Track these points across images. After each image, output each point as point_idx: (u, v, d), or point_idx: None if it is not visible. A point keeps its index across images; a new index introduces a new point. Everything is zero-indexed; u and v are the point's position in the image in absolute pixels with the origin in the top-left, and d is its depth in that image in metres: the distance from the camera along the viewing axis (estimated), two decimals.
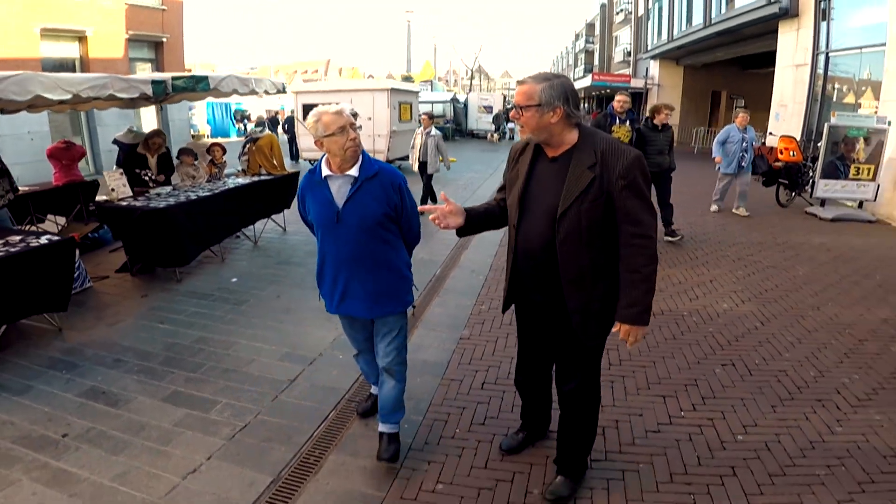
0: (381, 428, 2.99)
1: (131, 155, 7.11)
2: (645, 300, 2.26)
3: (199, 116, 27.72)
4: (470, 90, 27.90)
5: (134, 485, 2.79)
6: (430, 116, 10.07)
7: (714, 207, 9.57)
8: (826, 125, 9.11)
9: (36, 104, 5.40)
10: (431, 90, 32.92)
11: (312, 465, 2.96)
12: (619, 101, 6.98)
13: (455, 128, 29.06)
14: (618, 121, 6.98)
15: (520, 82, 2.28)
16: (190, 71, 17.49)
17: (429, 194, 9.82)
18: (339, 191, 2.70)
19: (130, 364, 4.05)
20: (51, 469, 2.90)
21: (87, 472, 2.87)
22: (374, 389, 3.35)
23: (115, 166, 7.61)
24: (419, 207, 2.72)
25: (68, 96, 4.55)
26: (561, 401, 2.65)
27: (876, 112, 9.82)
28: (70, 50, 14.08)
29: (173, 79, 5.63)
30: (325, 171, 2.72)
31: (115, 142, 7.82)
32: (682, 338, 4.54)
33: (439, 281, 5.85)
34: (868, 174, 8.93)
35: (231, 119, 29.42)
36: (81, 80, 4.76)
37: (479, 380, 3.85)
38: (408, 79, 32.36)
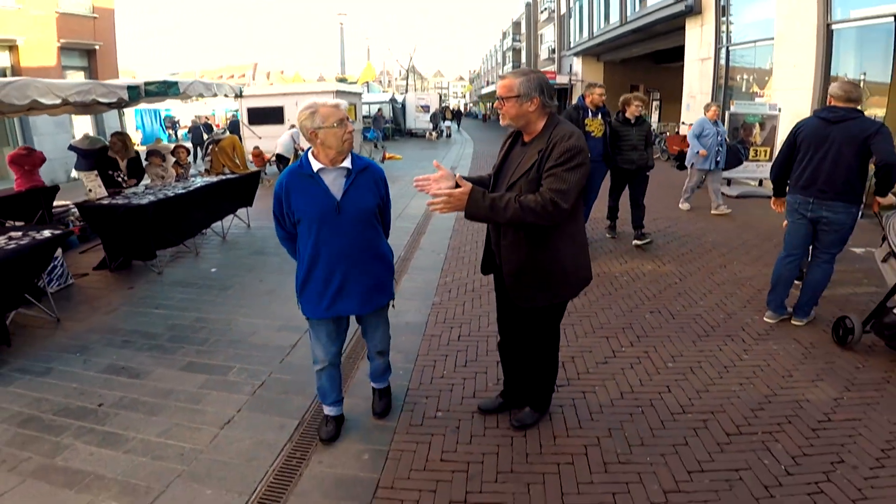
0: (374, 384, 3.35)
1: (102, 159, 7.23)
2: (490, 210, 2.40)
3: (128, 123, 26.70)
4: (406, 90, 28.22)
5: (179, 438, 3.12)
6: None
7: (685, 206, 8.92)
8: (727, 113, 10.11)
9: (35, 107, 5.48)
10: (367, 91, 33.05)
11: None
12: (598, 93, 6.35)
13: (394, 127, 29.49)
14: (590, 114, 6.39)
15: (501, 77, 2.64)
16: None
17: None
18: (335, 183, 2.69)
19: (139, 344, 4.33)
20: (98, 433, 3.18)
21: (132, 433, 3.18)
22: (328, 410, 3.14)
23: (73, 170, 7.69)
24: (415, 179, 2.58)
25: (59, 101, 4.73)
26: (525, 353, 3.01)
27: (766, 100, 10.88)
28: (1, 59, 13.55)
29: (146, 84, 5.84)
30: (315, 165, 2.68)
31: (72, 148, 7.88)
32: (617, 293, 5.27)
33: (405, 262, 6.34)
34: (765, 156, 9.92)
35: (161, 125, 28.51)
36: (70, 85, 4.94)
37: (454, 334, 4.41)
38: (343, 80, 32.36)
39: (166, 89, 6.14)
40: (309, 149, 2.74)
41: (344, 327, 3.01)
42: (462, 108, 51.16)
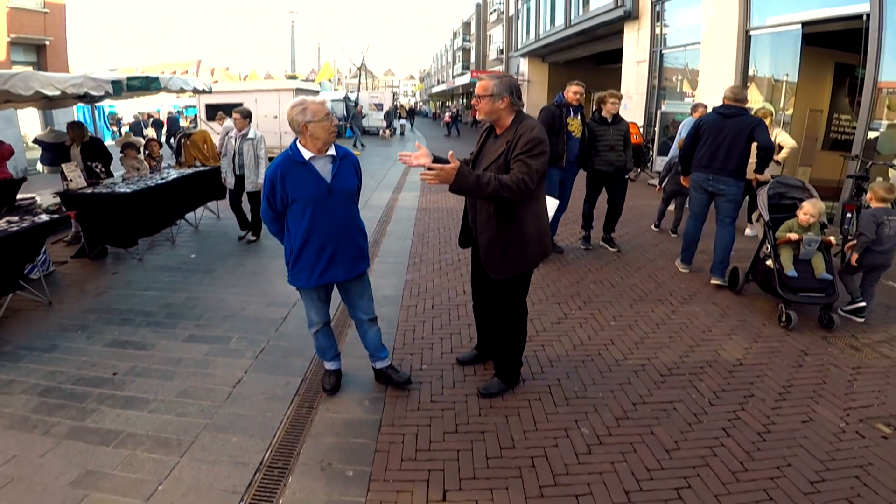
0: (380, 365, 3.51)
1: (60, 150, 7.21)
2: (474, 185, 2.78)
3: (62, 120, 25.29)
4: (358, 89, 28.02)
5: (197, 397, 3.42)
6: (246, 115, 6.63)
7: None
8: (658, 112, 10.90)
9: (34, 99, 5.48)
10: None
11: None
12: (575, 93, 5.81)
13: (349, 125, 29.34)
14: (572, 112, 5.86)
15: (479, 79, 3.06)
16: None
17: (257, 227, 7.09)
18: (324, 169, 3.01)
19: (138, 321, 4.54)
20: (119, 398, 3.41)
21: (152, 395, 3.44)
22: (328, 365, 3.51)
23: (39, 164, 7.64)
24: (400, 154, 3.00)
25: (58, 93, 4.83)
26: (495, 323, 3.36)
27: (694, 99, 11.62)
28: None
29: (129, 79, 5.95)
30: (306, 154, 2.98)
31: (37, 141, 7.80)
32: (565, 268, 5.88)
33: (374, 246, 6.70)
34: None
35: (105, 122, 27.32)
36: (65, 78, 5.04)
37: (429, 304, 4.88)
38: (293, 78, 31.89)
39: (149, 84, 6.25)
40: (295, 139, 3.04)
41: (330, 293, 3.34)
42: (413, 107, 50.94)
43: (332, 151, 3.05)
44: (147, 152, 7.77)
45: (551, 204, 4.12)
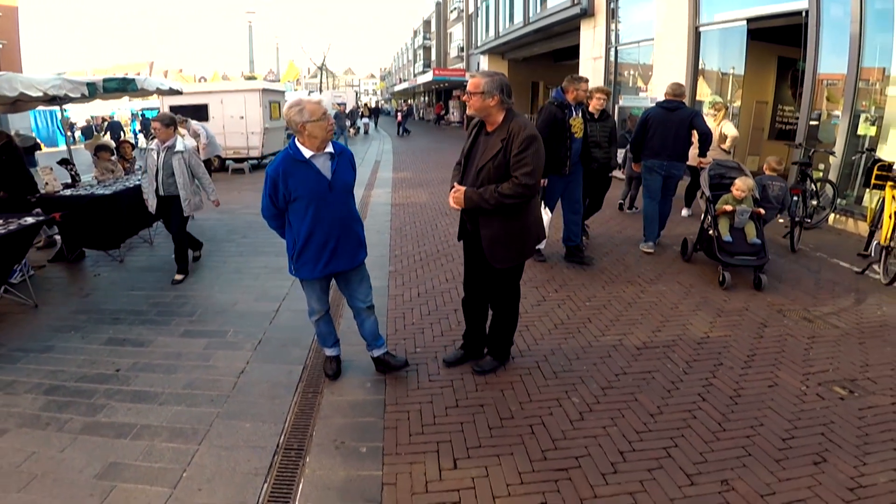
0: (378, 353, 3.60)
1: (28, 154, 7.06)
2: (480, 202, 3.02)
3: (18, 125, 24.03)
4: (320, 89, 27.65)
5: (204, 388, 3.51)
6: (169, 123, 5.36)
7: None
8: (616, 106, 11.20)
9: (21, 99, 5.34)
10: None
11: None
12: (584, 89, 5.40)
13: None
14: (573, 111, 5.39)
15: (471, 76, 3.15)
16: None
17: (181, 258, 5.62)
18: (324, 166, 3.10)
19: (130, 319, 4.55)
20: (127, 392, 3.47)
21: (159, 388, 3.50)
22: (329, 351, 3.65)
23: None
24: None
25: (40, 94, 4.76)
26: (492, 306, 3.52)
27: (648, 94, 11.95)
28: None
29: (105, 80, 5.87)
30: (306, 153, 3.05)
31: None
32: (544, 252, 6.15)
33: None
34: None
35: (58, 127, 26.17)
36: (45, 80, 4.96)
37: (414, 293, 5.06)
38: (251, 79, 31.30)
39: (126, 85, 6.18)
40: (293, 138, 3.13)
41: (330, 282, 3.47)
42: (377, 106, 50.45)
43: (330, 149, 3.14)
44: (120, 154, 7.64)
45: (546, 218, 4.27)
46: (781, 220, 7.08)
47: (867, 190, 6.41)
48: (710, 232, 5.33)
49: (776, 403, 3.25)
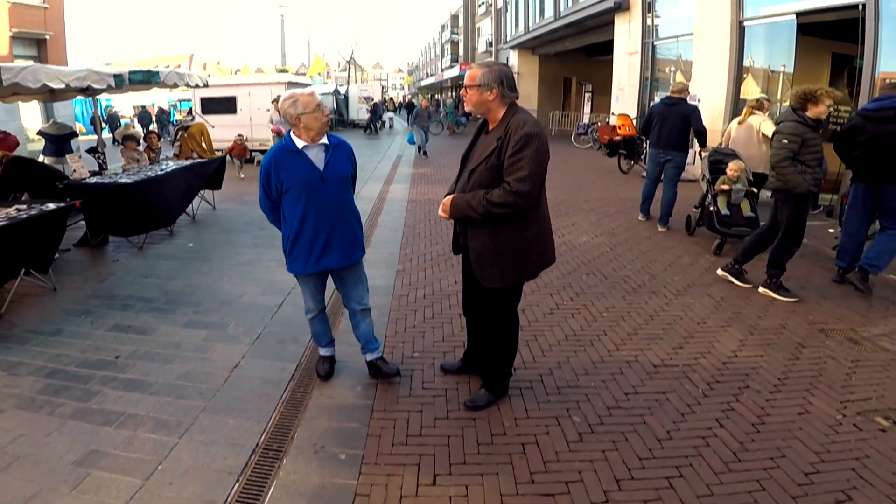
0: (371, 357, 3.51)
1: (63, 141, 7.32)
2: (468, 209, 2.69)
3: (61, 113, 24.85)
4: (348, 82, 28.02)
5: (197, 380, 3.52)
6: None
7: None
8: (651, 104, 10.82)
9: (40, 92, 5.55)
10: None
11: None
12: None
13: (338, 118, 29.45)
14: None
15: (469, 67, 2.93)
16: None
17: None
18: (317, 157, 3.10)
19: (139, 307, 4.64)
20: (121, 380, 3.52)
21: (153, 378, 3.54)
22: (323, 351, 3.61)
23: (41, 155, 7.79)
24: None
25: (63, 86, 4.91)
26: (485, 330, 3.18)
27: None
28: None
29: (131, 73, 6.03)
30: (299, 144, 3.06)
31: (41, 133, 7.95)
32: (557, 259, 5.90)
33: (366, 237, 6.73)
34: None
35: (102, 116, 27.17)
36: (70, 72, 5.13)
37: (420, 294, 4.96)
38: (283, 72, 31.96)
39: (150, 78, 6.36)
40: (289, 130, 3.14)
41: (325, 281, 3.40)
42: (403, 100, 50.42)
43: (325, 140, 3.13)
44: (147, 144, 7.88)
45: None
46: (832, 231, 6.63)
47: None
48: (711, 208, 6.22)
49: (804, 433, 2.96)
